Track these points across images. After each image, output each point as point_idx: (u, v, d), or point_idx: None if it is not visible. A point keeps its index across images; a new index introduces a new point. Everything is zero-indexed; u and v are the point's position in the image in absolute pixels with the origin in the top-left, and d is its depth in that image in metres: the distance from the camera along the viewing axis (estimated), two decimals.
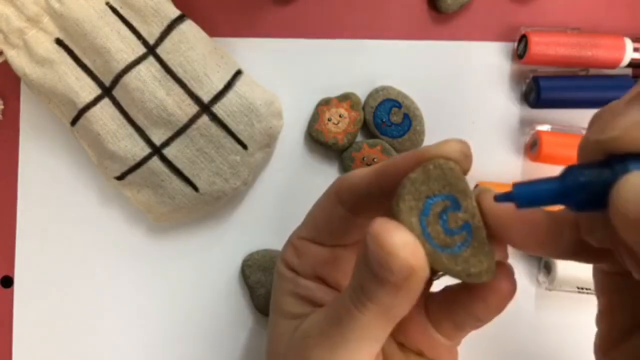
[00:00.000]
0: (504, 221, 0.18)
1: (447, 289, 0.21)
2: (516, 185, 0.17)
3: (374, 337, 0.18)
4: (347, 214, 0.22)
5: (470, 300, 0.20)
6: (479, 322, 0.21)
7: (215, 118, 0.30)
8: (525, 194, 0.16)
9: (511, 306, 0.19)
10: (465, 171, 0.18)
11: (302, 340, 0.20)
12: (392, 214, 0.17)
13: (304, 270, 0.23)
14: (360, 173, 0.21)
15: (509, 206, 0.18)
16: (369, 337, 0.18)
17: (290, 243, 0.24)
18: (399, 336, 0.22)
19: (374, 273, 0.17)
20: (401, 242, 0.16)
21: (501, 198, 0.17)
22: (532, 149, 0.33)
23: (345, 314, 0.18)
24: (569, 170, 0.16)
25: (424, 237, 0.17)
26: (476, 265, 0.18)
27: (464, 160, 0.18)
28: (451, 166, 0.18)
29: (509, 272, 0.19)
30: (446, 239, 0.18)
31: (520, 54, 0.33)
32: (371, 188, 0.20)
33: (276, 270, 0.25)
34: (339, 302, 0.19)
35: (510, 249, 0.20)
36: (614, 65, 0.32)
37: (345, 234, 0.23)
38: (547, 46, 0.32)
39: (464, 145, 0.18)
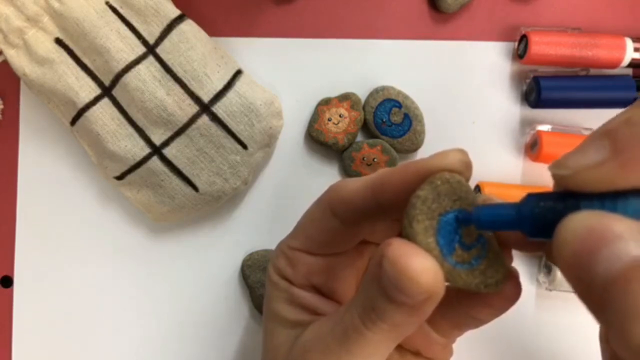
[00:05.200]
0: None
1: (447, 291, 0.21)
2: (476, 208, 0.17)
3: (382, 353, 0.18)
4: (341, 226, 0.21)
5: (473, 303, 0.20)
6: (480, 322, 0.20)
7: (215, 118, 0.30)
8: (484, 217, 0.17)
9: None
10: (467, 180, 0.18)
11: (303, 354, 0.20)
12: (406, 235, 0.17)
13: (297, 280, 0.23)
14: (353, 186, 0.20)
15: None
16: (376, 353, 0.18)
17: (281, 252, 0.24)
18: None
19: (389, 295, 0.16)
20: (422, 267, 0.16)
21: (462, 219, 0.17)
22: (533, 149, 0.33)
23: (354, 331, 0.18)
24: (527, 199, 0.16)
25: (442, 256, 0.17)
26: (493, 275, 0.18)
27: (466, 170, 0.18)
28: (458, 179, 0.18)
29: (515, 276, 0.19)
30: (463, 255, 0.17)
31: (520, 54, 0.33)
32: (367, 202, 0.20)
33: (268, 278, 0.24)
34: (347, 319, 0.18)
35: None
36: (615, 65, 0.32)
37: (339, 244, 0.22)
38: (547, 46, 0.32)
39: (464, 154, 0.18)
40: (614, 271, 0.12)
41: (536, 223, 0.16)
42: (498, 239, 0.18)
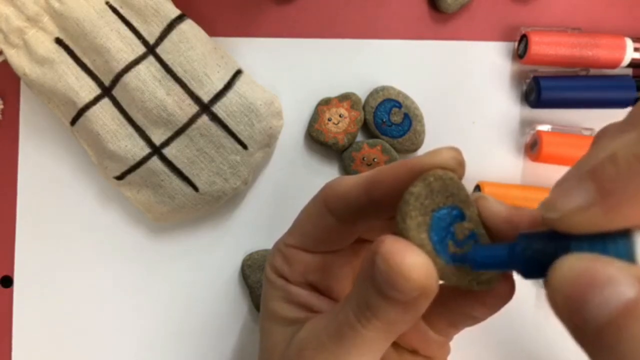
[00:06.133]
0: (503, 226, 0.18)
1: (442, 288, 0.21)
2: (472, 249, 0.17)
3: (377, 350, 0.18)
4: (337, 223, 0.21)
5: (468, 301, 0.20)
6: (475, 320, 0.21)
7: (215, 118, 0.30)
8: (479, 258, 0.17)
9: (511, 306, 0.19)
10: (460, 178, 0.18)
11: (298, 352, 0.20)
12: (399, 231, 0.17)
13: (294, 278, 0.23)
14: (349, 182, 0.21)
15: (505, 211, 0.18)
16: (371, 351, 0.18)
17: (278, 250, 0.24)
18: None
19: (382, 292, 0.16)
20: (414, 263, 0.16)
21: (456, 259, 0.17)
22: (533, 149, 0.33)
23: (349, 329, 0.18)
24: (518, 240, 0.16)
25: (435, 252, 0.17)
26: (485, 272, 0.18)
27: (459, 168, 0.18)
28: (451, 176, 0.18)
29: (508, 275, 0.19)
30: (456, 251, 0.17)
31: (520, 54, 0.33)
32: (361, 199, 0.20)
33: (265, 277, 0.24)
34: (342, 316, 0.18)
35: None
36: (615, 65, 0.32)
37: (335, 242, 0.22)
38: (547, 46, 0.32)
39: (457, 152, 0.18)
40: (605, 317, 0.12)
41: (529, 265, 0.16)
42: (491, 236, 0.18)
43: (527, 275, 0.16)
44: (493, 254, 0.17)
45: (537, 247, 0.16)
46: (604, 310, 0.13)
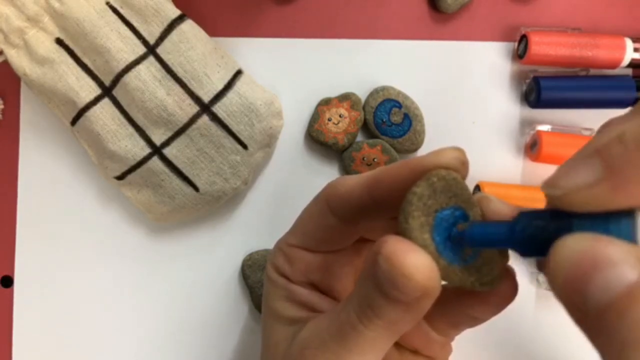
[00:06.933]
0: None
1: (444, 289, 0.21)
2: (469, 226, 0.17)
3: (378, 350, 0.18)
4: (339, 223, 0.21)
5: (470, 301, 0.20)
6: (477, 321, 0.21)
7: (215, 118, 0.30)
8: (476, 236, 0.17)
9: (511, 306, 0.19)
10: (464, 178, 0.18)
11: (300, 351, 0.20)
12: (401, 231, 0.17)
13: (295, 277, 0.23)
14: (351, 182, 0.21)
15: (508, 211, 0.18)
16: (373, 350, 0.18)
17: (280, 250, 0.24)
18: None
19: (384, 292, 0.16)
20: (417, 263, 0.16)
21: (454, 236, 0.17)
22: (532, 149, 0.33)
23: (351, 329, 0.18)
24: (519, 218, 0.16)
25: (438, 253, 0.17)
26: (488, 273, 0.18)
27: (462, 168, 0.18)
28: (454, 176, 0.18)
29: (511, 275, 0.19)
30: (459, 252, 0.17)
31: (520, 54, 0.33)
32: (363, 199, 0.20)
33: (267, 276, 0.24)
34: (344, 316, 0.18)
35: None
36: (615, 65, 0.32)
37: (336, 241, 0.23)
38: (547, 46, 0.32)
39: (461, 152, 0.18)
40: (608, 299, 0.12)
41: (529, 243, 0.16)
42: None
43: (525, 253, 0.16)
44: (492, 231, 0.17)
45: (538, 225, 0.15)
46: (605, 293, 0.12)
